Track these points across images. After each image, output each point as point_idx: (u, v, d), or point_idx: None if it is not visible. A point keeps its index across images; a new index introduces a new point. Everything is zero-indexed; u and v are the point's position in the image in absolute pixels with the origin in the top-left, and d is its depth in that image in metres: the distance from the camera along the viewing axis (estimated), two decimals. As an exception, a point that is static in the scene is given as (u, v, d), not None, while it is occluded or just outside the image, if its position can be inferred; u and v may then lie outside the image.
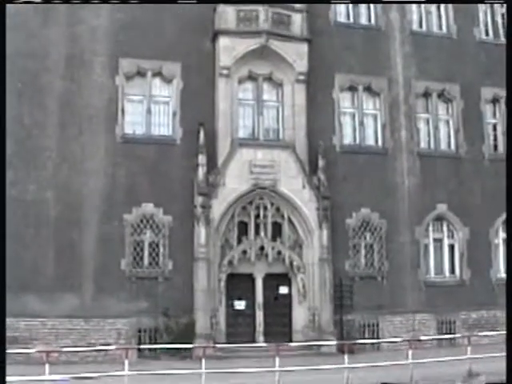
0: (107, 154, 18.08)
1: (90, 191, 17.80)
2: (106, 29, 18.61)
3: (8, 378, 9.98)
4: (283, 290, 18.88)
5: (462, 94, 21.04)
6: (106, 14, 18.68)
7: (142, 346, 16.65)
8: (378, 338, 18.81)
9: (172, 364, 14.60)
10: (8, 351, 10.49)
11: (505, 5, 21.26)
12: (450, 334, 19.30)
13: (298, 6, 19.35)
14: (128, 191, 18.00)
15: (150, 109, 18.69)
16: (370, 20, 21.05)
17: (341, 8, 20.85)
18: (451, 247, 20.66)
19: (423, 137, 20.98)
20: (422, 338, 17.76)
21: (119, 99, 18.40)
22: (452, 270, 20.50)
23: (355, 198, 19.44)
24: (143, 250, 18.07)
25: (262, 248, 18.45)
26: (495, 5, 21.82)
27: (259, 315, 18.44)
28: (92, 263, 17.49)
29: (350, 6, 20.87)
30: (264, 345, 16.51)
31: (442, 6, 21.83)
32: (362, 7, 21.12)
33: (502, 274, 20.22)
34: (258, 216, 18.58)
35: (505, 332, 12.03)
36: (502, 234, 20.66)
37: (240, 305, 18.57)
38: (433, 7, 21.82)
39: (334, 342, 17.11)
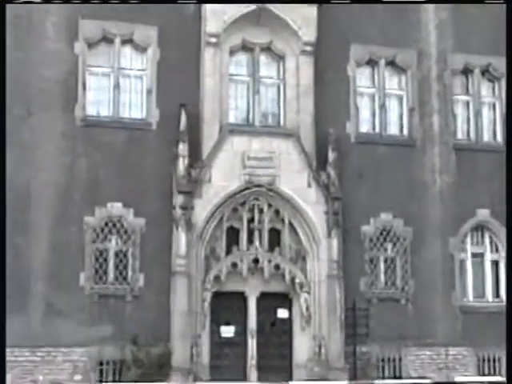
0: (64, 140, 19.11)
1: (40, 187, 18.82)
2: (63, -19, 19.56)
3: None
4: (282, 313, 20.01)
5: (512, 70, 22.08)
6: (60, -40, 19.59)
7: (103, 383, 17.83)
8: (400, 377, 19.89)
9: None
10: None
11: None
12: (494, 374, 20.34)
13: (305, -43, 20.42)
14: (90, 187, 19.03)
15: (119, 84, 19.77)
16: (396, -23, 22.25)
17: (359, -37, 22.01)
18: (495, 264, 21.86)
19: (461, 125, 22.25)
20: (458, 379, 18.93)
21: (79, 72, 19.44)
22: (496, 293, 21.66)
23: (373, 200, 20.62)
24: (108, 262, 19.14)
25: (256, 260, 19.49)
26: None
27: (252, 345, 19.55)
28: (42, 278, 18.51)
29: (371, -44, 21.91)
30: (258, 383, 17.75)
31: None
32: (388, -39, 22.24)
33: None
34: (251, 220, 19.66)
35: None
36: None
37: (228, 331, 19.67)
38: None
39: (346, 382, 18.06)
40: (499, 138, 22.24)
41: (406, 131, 21.59)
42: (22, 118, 18.95)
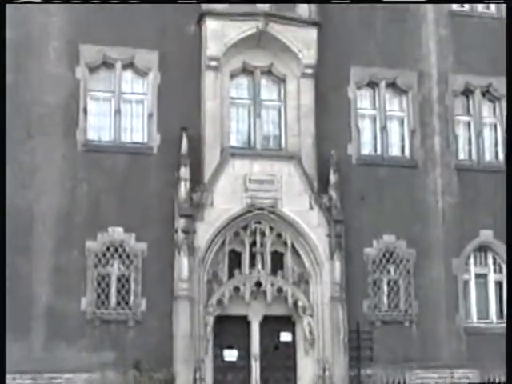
0: (65, 164, 19.22)
1: (42, 211, 18.90)
2: (63, 6, 19.75)
3: None
4: (285, 336, 20.05)
5: (513, 90, 22.30)
6: (62, -13, 19.85)
7: (106, 409, 17.83)
8: (405, 400, 20.01)
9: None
10: None
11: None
12: (500, 396, 20.34)
13: (305, -19, 20.65)
14: (91, 212, 19.11)
15: (120, 109, 19.90)
16: (395, -3, 22.50)
17: (358, -18, 22.25)
18: (499, 284, 21.81)
19: (463, 145, 22.32)
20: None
21: (80, 96, 19.58)
22: (500, 314, 21.54)
23: (376, 222, 20.67)
24: (110, 286, 19.15)
25: (258, 284, 19.51)
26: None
27: (255, 369, 19.57)
28: (44, 302, 18.52)
29: (371, -22, 22.20)
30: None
31: (491, -22, 23.27)
32: (387, -21, 22.50)
33: None
34: (254, 244, 19.72)
35: None
36: None
37: (231, 355, 19.68)
38: (479, -21, 23.19)
39: (350, 405, 18.35)
40: (501, 158, 22.26)
41: (407, 153, 21.65)
42: (23, 142, 19.07)
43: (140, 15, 20.05)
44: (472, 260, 21.68)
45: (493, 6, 23.03)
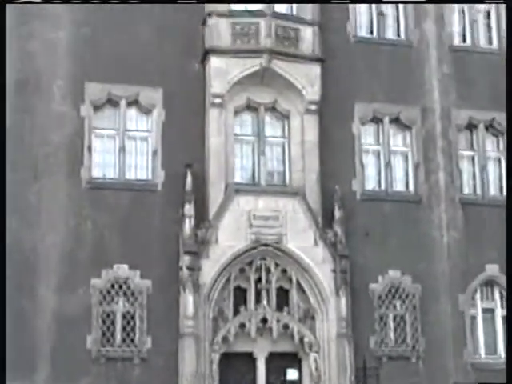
0: (70, 202, 19.29)
1: (47, 249, 18.94)
2: (68, 45, 20.08)
3: None
4: (292, 374, 19.97)
5: (517, 125, 22.39)
6: (66, 26, 20.18)
7: None
8: None
9: None
10: None
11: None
12: (508, 432, 20.20)
13: (308, 18, 20.88)
14: (96, 249, 19.14)
15: (125, 146, 20.02)
16: (398, 34, 22.71)
17: (362, 20, 22.52)
18: (507, 320, 21.61)
19: (467, 180, 22.39)
20: None
21: (85, 134, 19.71)
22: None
23: (381, 258, 20.64)
24: (115, 324, 19.11)
25: (264, 320, 19.47)
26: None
27: (262, 406, 19.58)
28: (49, 340, 18.50)
29: (374, 17, 22.53)
30: None
31: (493, 13, 23.51)
32: (389, 18, 22.76)
33: None
34: (259, 280, 19.69)
35: None
36: None
37: (237, 393, 19.66)
38: (480, 15, 23.54)
39: None
40: (506, 192, 22.07)
41: (411, 188, 21.71)
42: (28, 180, 19.16)
43: (144, 53, 20.24)
44: (478, 295, 21.62)
45: (495, 42, 23.33)
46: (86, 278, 18.93)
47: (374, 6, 22.52)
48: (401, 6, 22.75)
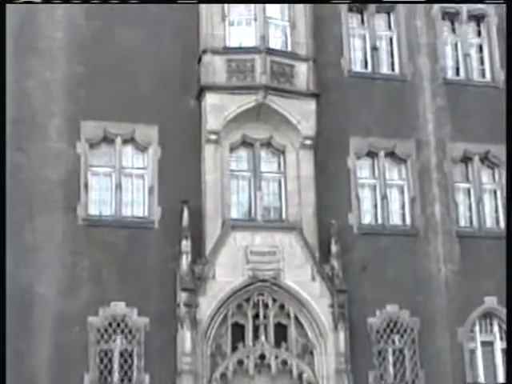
0: (66, 240, 19.27)
1: (43, 287, 18.85)
2: (63, 84, 20.25)
3: None
4: (291, 412, 19.87)
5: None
6: (62, 65, 20.39)
7: None
8: None
9: None
10: None
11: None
12: None
13: (303, 54, 21.02)
14: (93, 287, 19.06)
15: (121, 184, 20.04)
16: (392, 68, 22.90)
17: (356, 55, 22.71)
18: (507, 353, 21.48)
19: (463, 213, 22.40)
20: None
21: (81, 172, 19.75)
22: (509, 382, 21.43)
23: (379, 292, 20.56)
24: (112, 362, 18.99)
25: (262, 356, 19.35)
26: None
27: None
28: (46, 380, 18.37)
29: (368, 52, 22.71)
30: None
31: (485, 46, 23.79)
32: (383, 53, 22.99)
33: None
34: (257, 316, 19.61)
35: None
36: None
37: (236, 431, 19.45)
38: (472, 49, 23.83)
39: None
40: (502, 224, 22.25)
41: (408, 221, 21.73)
42: (24, 218, 19.14)
43: (140, 90, 20.38)
44: (477, 328, 21.50)
45: (488, 75, 23.56)
46: (82, 316, 18.81)
47: (367, 40, 22.76)
48: (394, 40, 23.01)
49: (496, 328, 21.68)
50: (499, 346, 21.59)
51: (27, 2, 20.06)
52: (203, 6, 20.94)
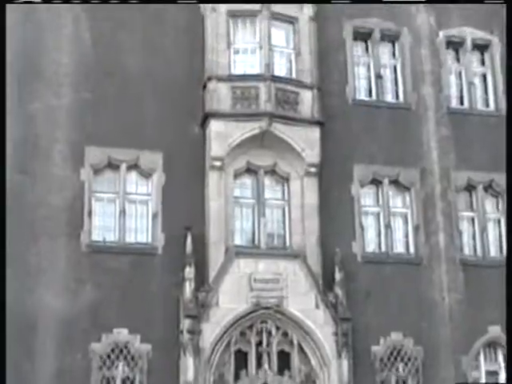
0: (69, 266, 19.25)
1: (45, 313, 18.81)
2: (68, 109, 20.32)
3: None
4: None
5: (516, 185, 22.47)
6: (67, 91, 20.46)
7: None
8: None
9: None
10: None
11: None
12: None
13: (307, 81, 21.15)
14: (95, 313, 19.01)
15: (125, 210, 20.07)
16: (397, 97, 23.04)
17: (361, 83, 22.84)
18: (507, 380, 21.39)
19: (467, 241, 22.44)
20: None
21: (85, 198, 19.78)
22: (513, 412, 21.33)
23: (382, 320, 20.53)
24: (115, 389, 19.09)
25: (265, 385, 19.48)
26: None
27: None
28: (48, 407, 18.36)
29: (373, 81, 22.85)
30: None
31: (489, 76, 24.00)
32: (388, 81, 23.12)
33: None
34: (260, 343, 19.59)
35: None
36: None
37: None
38: (476, 78, 24.00)
39: None
40: (506, 253, 22.14)
41: (412, 249, 21.74)
42: (27, 244, 19.11)
43: (144, 117, 20.48)
44: (482, 357, 21.46)
45: (492, 104, 23.63)
46: (85, 343, 18.79)
47: (372, 69, 22.91)
48: (399, 68, 23.17)
49: (500, 357, 21.62)
50: (504, 375, 21.42)
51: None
52: (208, 33, 21.09)
